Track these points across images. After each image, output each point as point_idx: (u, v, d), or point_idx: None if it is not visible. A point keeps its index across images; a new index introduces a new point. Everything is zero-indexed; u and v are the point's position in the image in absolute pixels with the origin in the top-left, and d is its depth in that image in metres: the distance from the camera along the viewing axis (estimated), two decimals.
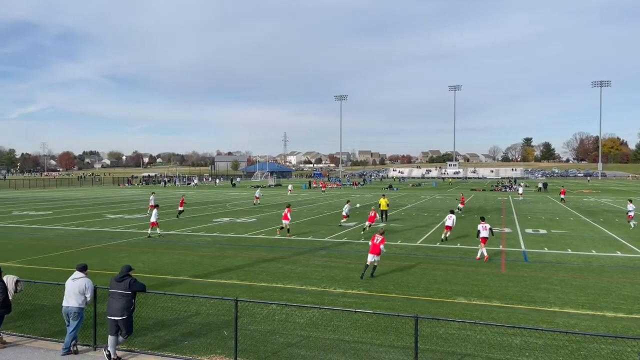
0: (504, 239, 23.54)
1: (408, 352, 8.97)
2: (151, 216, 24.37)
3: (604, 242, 22.41)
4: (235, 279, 15.18)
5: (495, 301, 12.67)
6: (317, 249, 20.73)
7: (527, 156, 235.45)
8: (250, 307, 11.81)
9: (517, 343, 9.62)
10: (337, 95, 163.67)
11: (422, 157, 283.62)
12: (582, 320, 11.11)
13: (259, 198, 47.68)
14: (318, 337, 9.97)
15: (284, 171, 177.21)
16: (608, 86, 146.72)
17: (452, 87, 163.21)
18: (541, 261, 18.06)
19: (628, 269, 16.63)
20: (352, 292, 13.55)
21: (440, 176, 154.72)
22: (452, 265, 17.22)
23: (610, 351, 9.18)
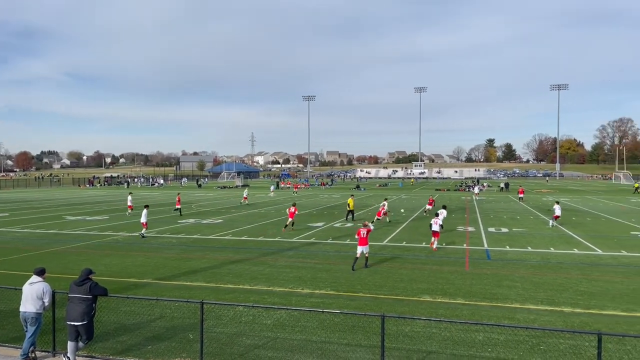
0: (468, 237, 24.07)
1: (375, 351, 9.05)
2: (141, 216, 24.80)
3: (561, 240, 23.21)
4: (201, 281, 14.97)
5: (460, 299, 12.93)
6: (284, 249, 20.66)
7: (490, 157, 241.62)
8: (217, 309, 11.67)
9: (480, 339, 9.84)
10: (305, 96, 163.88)
11: (389, 158, 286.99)
12: (541, 316, 11.46)
13: (246, 198, 47.26)
14: (285, 338, 9.93)
15: (251, 171, 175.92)
16: (565, 89, 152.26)
17: (417, 88, 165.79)
18: (503, 259, 18.56)
19: (584, 266, 17.28)
20: (320, 293, 13.57)
21: (407, 176, 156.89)
22: (417, 264, 17.48)
23: (569, 346, 9.51)
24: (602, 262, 18.03)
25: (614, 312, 11.74)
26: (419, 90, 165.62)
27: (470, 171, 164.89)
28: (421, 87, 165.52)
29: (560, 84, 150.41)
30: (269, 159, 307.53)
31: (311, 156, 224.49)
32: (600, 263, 17.79)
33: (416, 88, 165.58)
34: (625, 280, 15.03)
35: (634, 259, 18.56)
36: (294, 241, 23.00)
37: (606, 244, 22.04)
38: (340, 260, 18.31)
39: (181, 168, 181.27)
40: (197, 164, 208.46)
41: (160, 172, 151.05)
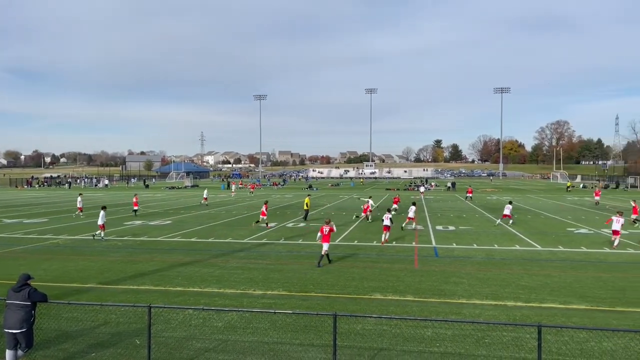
0: (417, 235, 24.66)
1: (327, 350, 9.10)
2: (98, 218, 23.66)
3: (504, 237, 24.22)
4: (149, 284, 14.52)
5: (409, 295, 13.23)
6: (236, 250, 20.40)
7: (438, 157, 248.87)
8: (165, 313, 11.35)
9: (429, 335, 10.10)
10: (257, 95, 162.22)
11: (341, 158, 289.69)
12: (486, 310, 11.91)
13: (207, 199, 46.44)
14: (237, 340, 9.80)
15: (201, 171, 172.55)
16: (508, 93, 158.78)
17: (368, 89, 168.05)
18: (450, 256, 19.14)
19: (526, 261, 18.11)
20: (272, 293, 13.49)
21: (358, 176, 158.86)
22: (369, 263, 17.73)
23: (511, 338, 9.93)
24: (542, 257, 18.95)
25: (552, 305, 12.37)
26: (369, 91, 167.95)
27: (419, 171, 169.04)
28: (372, 88, 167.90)
29: (503, 87, 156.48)
30: (220, 158, 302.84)
31: (263, 156, 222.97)
32: (539, 258, 18.70)
33: (367, 89, 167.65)
34: (562, 274, 15.88)
35: (569, 254, 19.63)
36: (246, 242, 22.76)
37: (545, 240, 23.20)
38: (292, 260, 18.28)
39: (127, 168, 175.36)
40: (145, 163, 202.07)
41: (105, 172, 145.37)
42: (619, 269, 16.73)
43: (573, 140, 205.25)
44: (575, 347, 9.43)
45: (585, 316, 11.45)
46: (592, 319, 11.20)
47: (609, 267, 16.96)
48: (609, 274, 15.83)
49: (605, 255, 19.36)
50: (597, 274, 15.84)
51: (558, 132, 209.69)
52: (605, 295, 13.19)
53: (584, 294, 13.33)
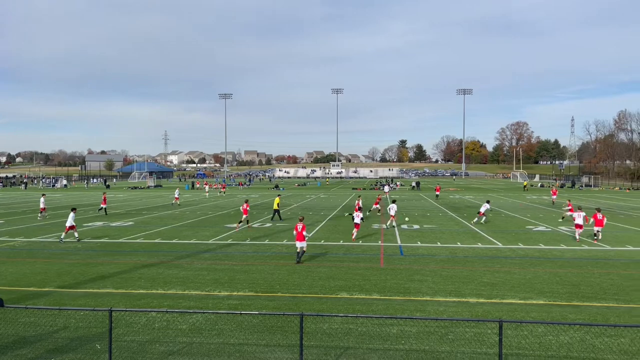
0: (382, 234, 24.94)
1: (294, 350, 9.09)
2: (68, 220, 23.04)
3: (467, 235, 24.80)
4: (110, 287, 14.13)
5: (375, 294, 13.36)
6: (200, 252, 20.10)
7: (402, 157, 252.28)
8: (127, 316, 11.07)
9: (394, 332, 10.23)
10: (222, 94, 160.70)
11: (308, 158, 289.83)
12: (449, 307, 12.16)
13: (178, 199, 45.84)
14: (202, 343, 9.66)
15: (165, 171, 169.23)
16: (470, 94, 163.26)
17: (334, 90, 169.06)
18: (415, 254, 19.45)
19: (487, 259, 18.59)
20: (238, 294, 13.36)
21: (325, 176, 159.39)
22: (335, 262, 17.81)
23: (474, 334, 10.18)
24: (502, 254, 19.51)
25: (512, 301, 12.74)
26: (335, 91, 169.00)
27: (384, 171, 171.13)
28: (338, 88, 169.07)
29: (465, 89, 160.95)
30: (184, 158, 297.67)
31: (228, 156, 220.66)
32: (500, 256, 19.24)
33: (333, 89, 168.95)
34: (522, 270, 16.38)
35: (529, 251, 20.28)
36: (211, 243, 22.46)
37: (505, 237, 23.89)
38: (258, 260, 18.17)
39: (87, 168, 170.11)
40: (105, 163, 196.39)
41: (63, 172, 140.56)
42: (575, 265, 17.39)
43: (532, 140, 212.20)
44: (534, 341, 9.75)
45: (543, 311, 11.85)
46: (550, 314, 11.60)
47: (565, 263, 17.61)
48: (565, 270, 16.44)
49: (562, 251, 20.09)
50: (554, 270, 16.42)
51: (518, 132, 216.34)
52: (562, 291, 13.69)
53: (542, 290, 13.79)
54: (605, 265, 17.25)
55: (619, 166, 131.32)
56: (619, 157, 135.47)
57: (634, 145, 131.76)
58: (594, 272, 16.08)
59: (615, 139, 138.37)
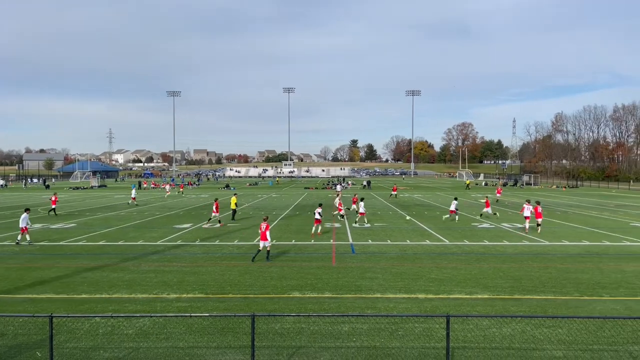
0: (334, 233, 25.12)
1: (245, 351, 8.99)
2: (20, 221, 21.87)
3: (416, 233, 25.42)
4: (51, 292, 13.45)
5: (327, 292, 13.44)
6: (148, 253, 19.51)
7: (354, 156, 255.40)
8: (69, 322, 10.58)
9: (346, 330, 10.33)
10: (170, 91, 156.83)
11: (259, 157, 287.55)
12: (399, 304, 12.42)
13: (135, 199, 44.69)
14: (149, 347, 9.38)
15: (110, 171, 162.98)
16: (419, 95, 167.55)
17: (286, 89, 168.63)
18: (366, 252, 19.73)
19: (435, 255, 19.13)
20: (187, 297, 13.07)
21: (277, 175, 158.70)
22: (287, 262, 17.77)
23: (423, 329, 10.44)
24: (449, 251, 20.13)
25: (459, 296, 13.18)
26: (287, 90, 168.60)
27: (336, 170, 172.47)
28: (290, 88, 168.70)
29: (414, 90, 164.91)
30: (130, 157, 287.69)
31: (177, 154, 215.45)
32: (447, 252, 19.84)
33: (285, 88, 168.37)
34: (468, 266, 16.97)
35: (474, 247, 21.04)
36: (159, 244, 21.85)
37: (452, 235, 24.66)
38: (209, 262, 17.85)
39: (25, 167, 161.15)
40: (45, 162, 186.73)
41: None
42: (516, 260, 18.21)
43: (477, 141, 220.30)
44: (479, 334, 10.12)
45: (487, 305, 12.33)
46: (494, 307, 12.08)
47: (507, 259, 18.40)
48: (508, 265, 17.18)
49: (504, 247, 20.97)
50: (498, 265, 17.12)
51: (463, 133, 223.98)
52: (505, 285, 14.30)
53: (487, 284, 14.35)
54: (543, 260, 18.16)
55: (556, 165, 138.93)
56: (556, 157, 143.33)
57: (569, 145, 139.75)
58: (534, 267, 16.89)
59: (552, 140, 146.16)
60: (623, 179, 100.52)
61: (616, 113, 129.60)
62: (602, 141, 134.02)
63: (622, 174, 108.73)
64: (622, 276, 15.44)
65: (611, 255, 19.12)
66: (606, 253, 19.66)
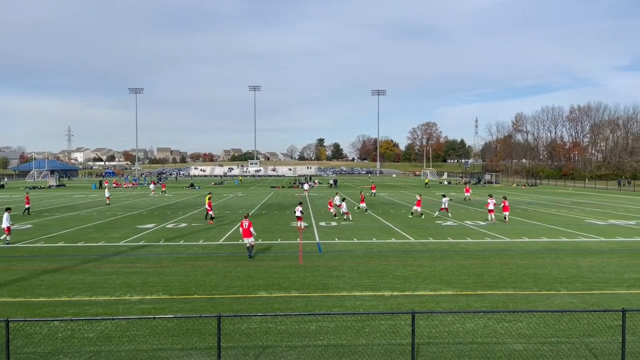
0: (301, 232, 25.12)
1: (211, 352, 8.88)
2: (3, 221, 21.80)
3: (382, 231, 25.71)
4: (6, 296, 12.91)
5: (294, 292, 13.42)
6: (110, 254, 18.99)
7: (320, 155, 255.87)
8: (27, 326, 10.19)
9: (313, 329, 10.35)
10: (132, 88, 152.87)
11: (225, 156, 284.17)
12: (366, 301, 12.53)
13: (109, 198, 44.30)
14: (111, 351, 9.13)
15: (68, 169, 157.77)
16: (384, 95, 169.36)
17: (252, 87, 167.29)
18: (333, 251, 19.81)
19: (400, 253, 19.40)
20: (151, 298, 12.79)
21: (243, 174, 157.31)
22: (254, 261, 17.64)
23: (389, 326, 10.57)
24: (414, 249, 20.45)
25: (424, 292, 13.41)
26: (253, 88, 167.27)
27: (303, 169, 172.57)
28: (255, 86, 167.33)
29: (379, 90, 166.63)
30: (90, 155, 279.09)
31: (140, 153, 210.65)
32: (412, 250, 20.16)
33: (250, 86, 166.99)
34: (432, 263, 17.29)
35: (438, 244, 21.45)
36: (121, 245, 21.30)
37: (417, 232, 25.06)
38: (173, 262, 17.53)
39: None
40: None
41: None
42: (479, 256, 18.67)
43: (440, 140, 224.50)
44: (444, 330, 10.33)
45: (451, 301, 12.60)
46: (457, 303, 12.35)
47: (470, 255, 18.84)
48: (471, 262, 17.60)
49: (467, 244, 21.47)
50: (461, 262, 17.52)
51: (427, 132, 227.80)
52: (468, 281, 14.64)
53: (450, 281, 14.66)
54: (504, 256, 18.70)
55: (517, 164, 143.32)
56: (516, 156, 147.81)
57: (529, 145, 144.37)
58: (495, 263, 17.37)
59: (513, 140, 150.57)
60: (579, 177, 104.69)
61: (572, 114, 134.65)
62: (560, 141, 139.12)
63: (578, 172, 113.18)
64: (578, 271, 16.07)
65: (568, 251, 19.86)
66: (563, 249, 20.42)
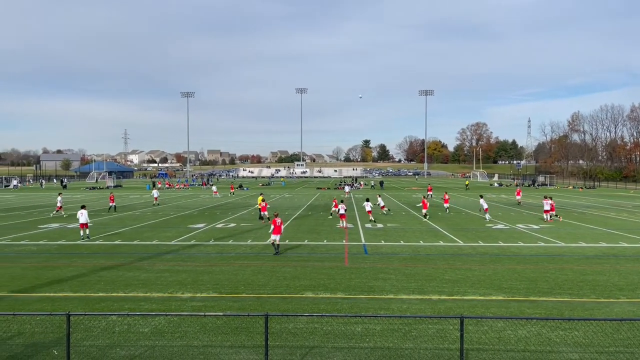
0: (347, 234, 25.11)
1: (259, 351, 9.03)
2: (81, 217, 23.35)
3: (429, 234, 25.28)
4: (68, 291, 13.66)
5: (340, 293, 13.44)
6: (162, 253, 19.70)
7: (366, 157, 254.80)
8: (86, 320, 10.74)
9: (359, 330, 10.32)
10: (184, 92, 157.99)
11: (272, 157, 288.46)
12: (412, 305, 12.36)
13: (157, 199, 46.27)
14: (164, 346, 9.47)
15: (125, 171, 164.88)
16: (432, 95, 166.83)
17: (299, 89, 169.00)
18: (379, 253, 19.68)
19: (449, 256, 19.01)
20: (201, 296, 13.17)
21: (289, 176, 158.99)
22: (300, 262, 17.80)
23: (436, 330, 10.39)
24: (463, 252, 19.99)
25: (473, 297, 13.08)
26: (300, 91, 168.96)
27: (348, 170, 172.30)
28: (302, 88, 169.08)
29: (427, 90, 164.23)
30: (145, 157, 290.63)
31: (191, 155, 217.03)
32: (461, 253, 19.71)
33: (297, 89, 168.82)
34: (482, 267, 16.84)
35: (488, 248, 20.86)
36: (173, 244, 22.04)
37: (466, 235, 24.48)
38: (222, 261, 17.96)
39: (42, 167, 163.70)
40: (62, 162, 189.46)
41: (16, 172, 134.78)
42: (532, 261, 18.01)
43: (491, 141, 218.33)
44: (494, 336, 10.04)
45: (502, 306, 12.22)
46: (509, 309, 11.97)
47: (522, 260, 18.21)
48: (523, 266, 17.00)
49: (520, 249, 20.76)
50: (513, 267, 16.96)
51: (477, 133, 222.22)
52: (520, 286, 14.16)
53: (501, 286, 14.22)
54: (560, 261, 17.95)
55: (573, 166, 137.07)
56: (572, 157, 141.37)
57: (586, 145, 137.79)
58: (550, 268, 16.70)
59: (569, 140, 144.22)
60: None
61: (633, 112, 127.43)
62: (620, 141, 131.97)
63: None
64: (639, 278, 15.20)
65: (629, 257, 18.82)
66: (624, 254, 19.37)
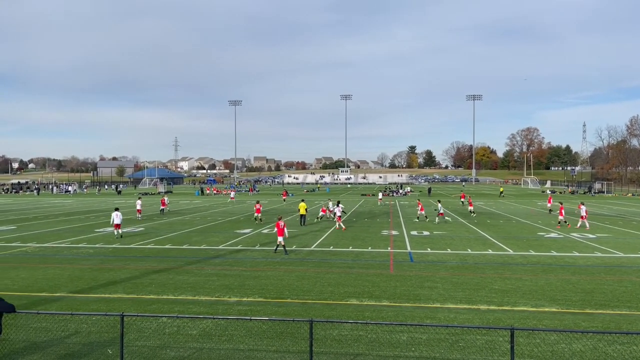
0: (392, 241, 24.84)
1: (303, 356, 9.07)
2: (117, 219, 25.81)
3: (477, 242, 24.62)
4: (121, 292, 14.23)
5: (385, 301, 13.30)
6: (210, 257, 20.18)
7: (412, 163, 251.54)
8: (138, 321, 11.14)
9: (404, 339, 10.18)
10: (232, 100, 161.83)
11: (316, 164, 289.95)
12: (460, 314, 12.07)
13: (233, 198, 52.75)
14: (212, 348, 9.68)
15: (175, 177, 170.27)
16: (480, 100, 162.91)
17: (343, 96, 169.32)
18: (425, 261, 19.35)
19: (498, 265, 18.44)
20: (248, 300, 13.38)
21: (334, 182, 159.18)
22: (344, 268, 17.77)
23: (485, 341, 10.09)
24: (514, 261, 19.33)
25: (524, 308, 12.62)
26: (344, 97, 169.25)
27: (393, 176, 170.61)
28: (347, 95, 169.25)
29: (475, 94, 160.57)
30: (194, 164, 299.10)
31: (238, 161, 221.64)
32: (511, 262, 19.07)
33: (342, 95, 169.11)
34: (534, 277, 16.22)
35: (540, 257, 20.08)
36: (220, 249, 22.54)
37: (517, 244, 23.67)
38: (268, 266, 18.18)
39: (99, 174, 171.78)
40: (117, 169, 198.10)
41: (75, 178, 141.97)
42: (587, 272, 17.19)
43: (542, 146, 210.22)
44: (547, 349, 9.64)
45: (555, 318, 11.72)
46: (562, 321, 11.47)
47: (577, 270, 17.41)
48: (578, 277, 16.25)
49: (574, 258, 19.87)
50: (567, 277, 16.24)
51: (528, 138, 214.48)
52: (575, 298, 13.54)
53: (554, 297, 13.64)
54: (618, 272, 17.03)
55: (632, 172, 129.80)
56: (631, 163, 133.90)
57: None
58: (607, 279, 15.88)
59: (627, 145, 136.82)
60: None
61: None
62: None
63: None
64: None
65: None
66: None
